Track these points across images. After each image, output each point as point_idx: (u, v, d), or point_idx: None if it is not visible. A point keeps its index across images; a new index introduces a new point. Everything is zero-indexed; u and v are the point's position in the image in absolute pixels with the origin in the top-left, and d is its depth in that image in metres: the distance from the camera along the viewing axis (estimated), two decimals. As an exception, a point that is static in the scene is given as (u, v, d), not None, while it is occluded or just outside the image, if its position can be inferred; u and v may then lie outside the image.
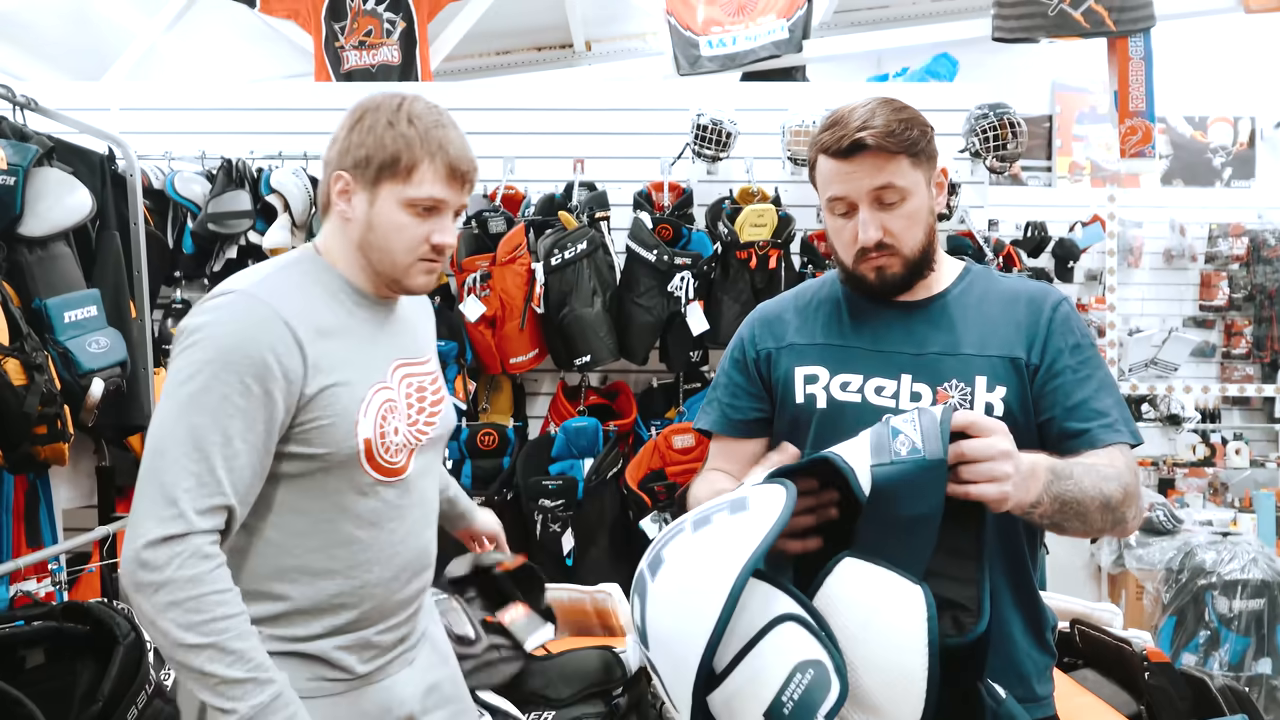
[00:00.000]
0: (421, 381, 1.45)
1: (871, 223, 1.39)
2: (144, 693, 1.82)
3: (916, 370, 1.41)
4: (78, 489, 2.49)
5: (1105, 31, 3.97)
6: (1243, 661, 3.92)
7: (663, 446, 3.21)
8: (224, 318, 1.24)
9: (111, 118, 3.51)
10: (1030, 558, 1.44)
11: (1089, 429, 1.35)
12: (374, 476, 1.33)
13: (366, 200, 1.33)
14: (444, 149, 1.33)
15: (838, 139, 1.38)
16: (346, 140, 1.34)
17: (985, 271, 1.52)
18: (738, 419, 1.55)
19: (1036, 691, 1.42)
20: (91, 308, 2.17)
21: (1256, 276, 5.44)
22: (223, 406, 1.20)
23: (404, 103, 1.34)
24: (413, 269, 1.37)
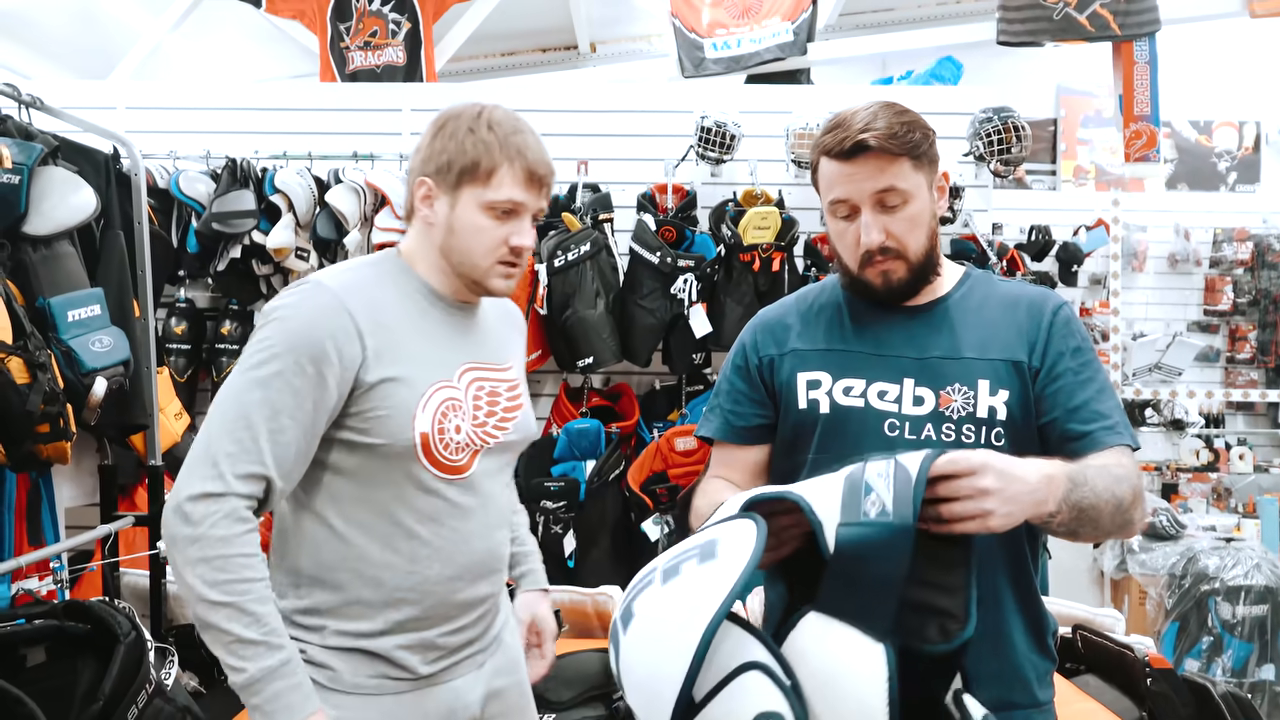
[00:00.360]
0: (495, 387, 1.47)
1: (874, 225, 1.38)
2: (144, 691, 1.82)
3: (919, 374, 1.41)
4: (80, 487, 2.50)
5: (1110, 35, 3.96)
6: (1246, 667, 3.91)
7: (665, 449, 3.20)
8: (293, 304, 1.32)
9: (117, 117, 3.53)
10: (1031, 562, 1.43)
11: (1091, 431, 1.35)
12: (433, 472, 1.36)
13: (448, 204, 1.39)
14: (522, 154, 1.38)
15: (840, 140, 1.38)
16: (430, 148, 1.40)
17: (985, 275, 1.52)
18: (740, 426, 1.54)
19: (1037, 696, 1.41)
20: (95, 307, 2.17)
21: (1261, 281, 5.43)
22: (275, 384, 1.27)
23: (484, 111, 1.40)
24: (492, 271, 1.41)
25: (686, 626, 0.94)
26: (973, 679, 1.37)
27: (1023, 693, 1.41)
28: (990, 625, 1.38)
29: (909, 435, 1.39)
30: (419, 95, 3.68)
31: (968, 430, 1.37)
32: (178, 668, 2.12)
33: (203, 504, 1.23)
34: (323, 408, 1.30)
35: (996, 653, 1.39)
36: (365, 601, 1.36)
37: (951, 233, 3.47)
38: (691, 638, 0.93)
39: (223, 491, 1.23)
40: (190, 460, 1.26)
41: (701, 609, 0.94)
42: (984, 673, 1.37)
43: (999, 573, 1.39)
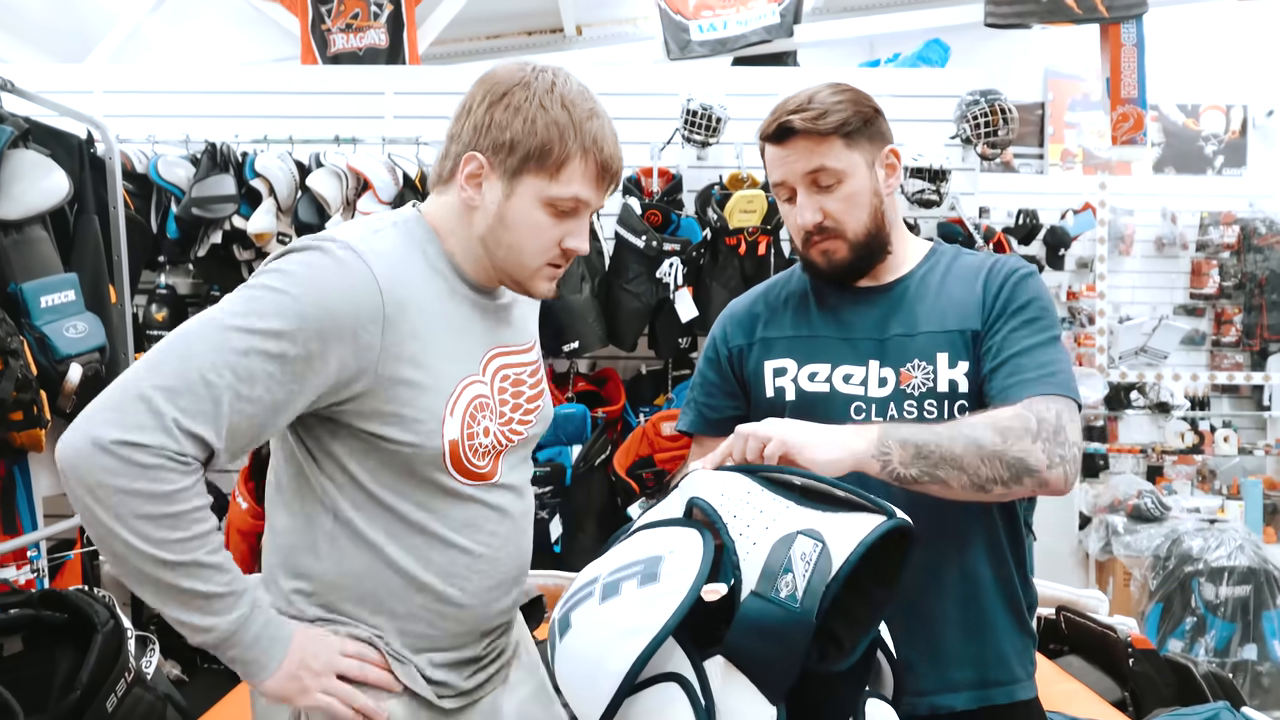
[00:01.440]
0: (519, 374, 1.32)
1: (808, 205, 1.40)
2: (124, 680, 1.81)
3: (882, 355, 1.41)
4: (57, 476, 2.46)
5: (1098, 18, 3.94)
6: (1228, 648, 3.95)
7: (651, 433, 3.19)
8: (316, 264, 1.11)
9: (94, 100, 3.48)
10: (1009, 542, 1.42)
11: (1011, 384, 1.31)
12: (458, 480, 1.21)
13: (502, 191, 1.19)
14: (599, 144, 1.19)
15: (770, 124, 1.40)
16: (487, 116, 1.18)
17: (953, 250, 1.51)
18: (714, 418, 1.55)
19: (1016, 673, 1.42)
20: (69, 292, 2.14)
21: (1247, 264, 5.45)
22: (263, 353, 1.06)
23: (557, 83, 1.19)
24: (539, 273, 1.24)
25: (616, 653, 0.96)
26: (952, 659, 1.38)
27: (1002, 670, 1.41)
28: (969, 606, 1.39)
29: (875, 416, 1.39)
30: (401, 78, 3.64)
31: (929, 406, 1.38)
32: (159, 656, 2.11)
33: (141, 454, 1.01)
34: (307, 393, 1.11)
35: (975, 633, 1.39)
36: (401, 615, 1.22)
37: (938, 215, 3.46)
38: (620, 665, 0.95)
39: (165, 446, 1.02)
40: (118, 395, 1.04)
41: (635, 636, 0.95)
42: (963, 653, 1.38)
43: (977, 554, 1.39)
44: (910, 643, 1.31)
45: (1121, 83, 4.10)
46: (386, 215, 1.25)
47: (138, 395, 1.03)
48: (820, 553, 0.98)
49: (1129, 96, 4.11)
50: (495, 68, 1.23)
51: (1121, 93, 4.11)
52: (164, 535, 1.04)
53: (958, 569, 1.38)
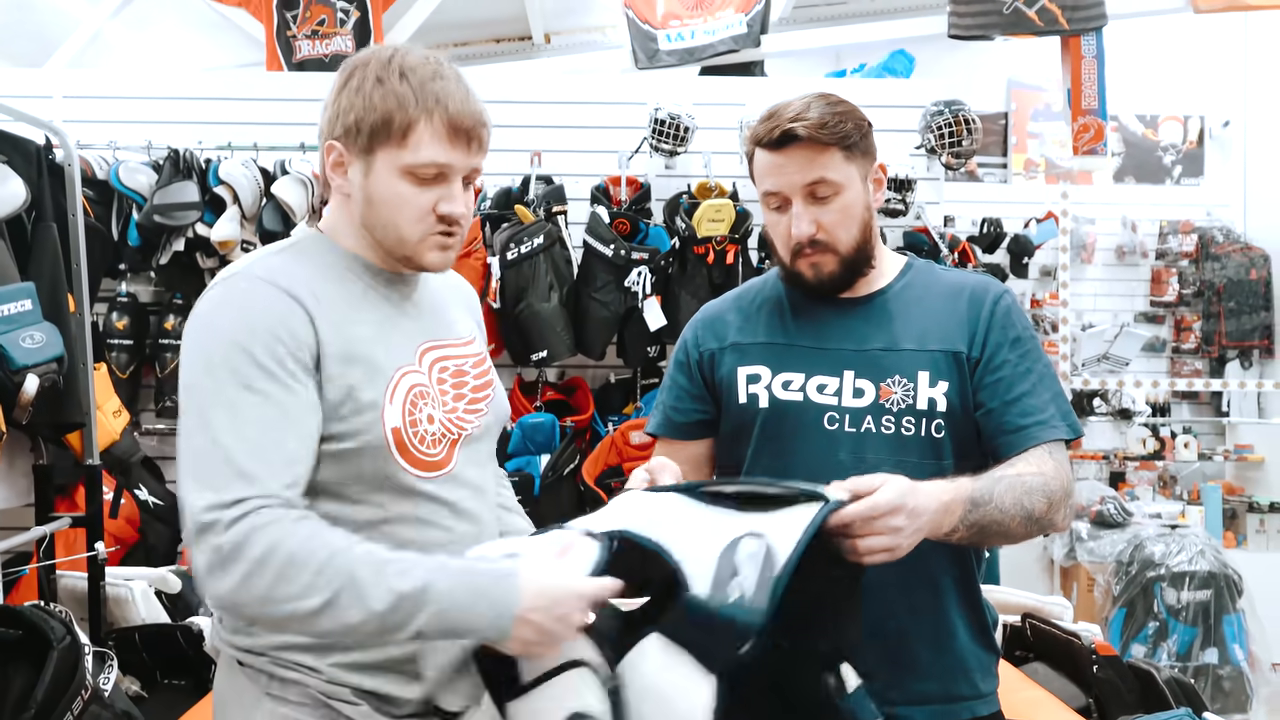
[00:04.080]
0: (460, 365, 1.29)
1: (804, 217, 1.38)
2: (80, 698, 1.77)
3: (859, 366, 1.40)
4: (13, 488, 2.41)
5: (1058, 30, 4.00)
6: (1190, 652, 4.00)
7: (620, 442, 3.19)
8: (220, 301, 1.12)
9: (54, 106, 3.42)
10: (974, 557, 1.44)
11: (1025, 426, 1.35)
12: (412, 472, 1.17)
13: (362, 171, 1.17)
14: (442, 103, 1.14)
15: (770, 130, 1.37)
16: (335, 105, 1.18)
17: (927, 266, 1.52)
18: (680, 421, 1.55)
19: (980, 688, 1.42)
20: (26, 301, 2.10)
21: (1205, 273, 5.54)
22: (254, 402, 1.06)
23: (395, 56, 1.17)
24: (423, 244, 1.19)
25: None
26: (916, 672, 1.38)
27: (966, 684, 1.41)
28: (933, 620, 1.39)
29: (849, 428, 1.39)
30: (368, 85, 3.61)
31: (907, 422, 1.38)
32: (117, 672, 2.06)
33: (231, 510, 1.01)
34: (314, 414, 1.10)
35: (939, 646, 1.40)
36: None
37: (903, 225, 3.49)
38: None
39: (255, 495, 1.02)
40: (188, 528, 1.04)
41: None
42: (927, 666, 1.39)
43: (941, 569, 1.40)
44: (872, 652, 1.31)
45: (1082, 94, 4.16)
46: (282, 242, 1.27)
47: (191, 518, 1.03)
48: (766, 551, 1.00)
49: (1089, 107, 4.17)
50: (351, 56, 1.23)
51: (1082, 103, 4.17)
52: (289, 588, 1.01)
53: (924, 581, 1.38)
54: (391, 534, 1.16)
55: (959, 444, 1.39)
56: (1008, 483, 1.27)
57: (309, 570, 1.01)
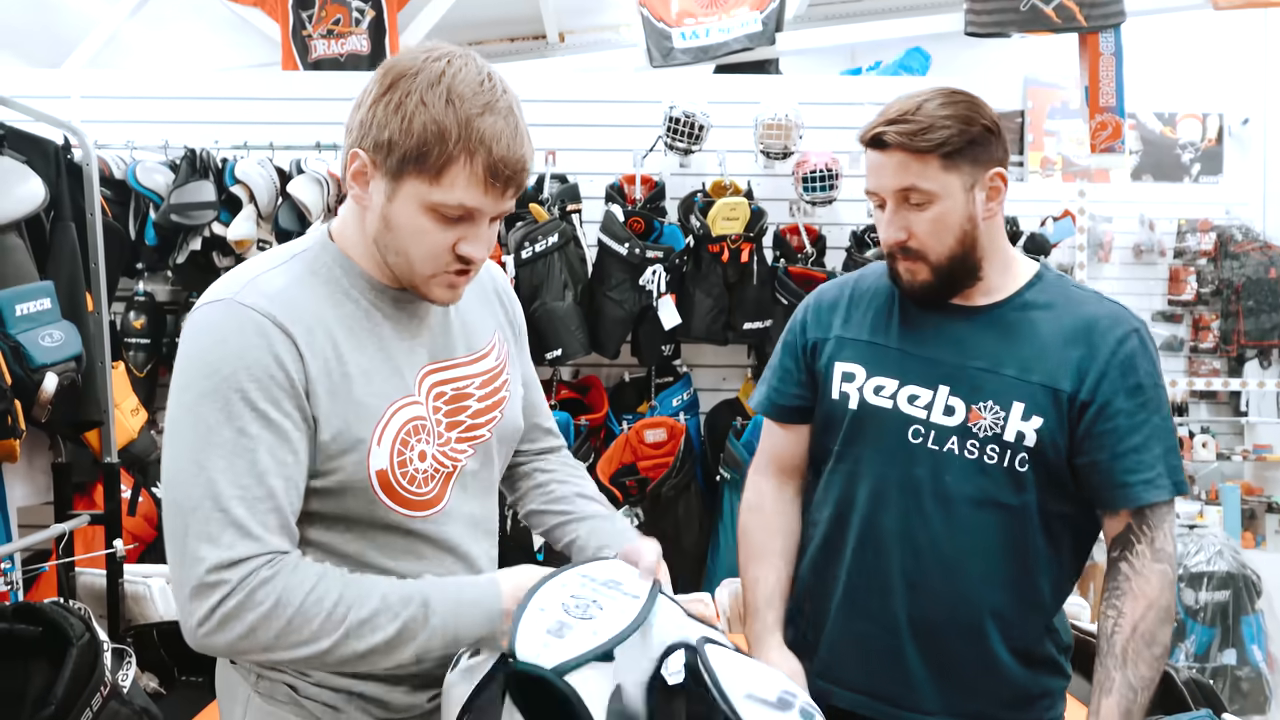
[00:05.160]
0: (462, 387, 1.20)
1: (895, 222, 1.34)
2: (99, 695, 1.78)
3: (955, 383, 1.36)
4: (33, 486, 2.43)
5: (1076, 27, 3.98)
6: (1208, 653, 3.96)
7: (634, 441, 3.19)
8: (205, 331, 1.06)
9: (72, 106, 3.44)
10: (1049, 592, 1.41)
11: (1130, 484, 1.31)
12: (400, 511, 1.12)
13: (385, 192, 1.07)
14: (485, 144, 1.03)
15: (868, 130, 1.34)
16: (370, 112, 1.06)
17: (1058, 281, 1.43)
18: (782, 404, 1.54)
19: (1043, 716, 1.43)
20: (45, 300, 2.11)
21: (1224, 271, 5.49)
22: (244, 444, 1.02)
23: (446, 73, 1.04)
24: (433, 281, 1.12)
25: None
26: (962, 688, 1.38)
27: (1024, 712, 1.42)
28: (978, 649, 1.37)
29: (932, 445, 1.36)
30: (383, 84, 3.62)
31: (991, 451, 1.33)
32: (136, 669, 2.07)
33: (235, 570, 0.99)
34: (304, 453, 1.06)
35: (987, 670, 1.38)
36: None
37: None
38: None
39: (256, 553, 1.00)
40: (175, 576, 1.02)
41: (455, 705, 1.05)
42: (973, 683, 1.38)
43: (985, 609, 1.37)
44: (922, 661, 1.36)
45: (1100, 91, 4.14)
46: (293, 245, 1.19)
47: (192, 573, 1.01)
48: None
49: (1107, 105, 4.14)
50: (398, 54, 1.11)
51: (1100, 101, 4.14)
52: (300, 634, 1.01)
53: (984, 607, 1.36)
54: (380, 566, 1.13)
55: (1044, 480, 1.34)
56: (1134, 658, 1.30)
57: (316, 619, 1.01)
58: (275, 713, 1.16)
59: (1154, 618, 1.30)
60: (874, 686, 1.39)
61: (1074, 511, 1.37)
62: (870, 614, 1.39)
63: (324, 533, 1.13)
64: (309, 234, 1.21)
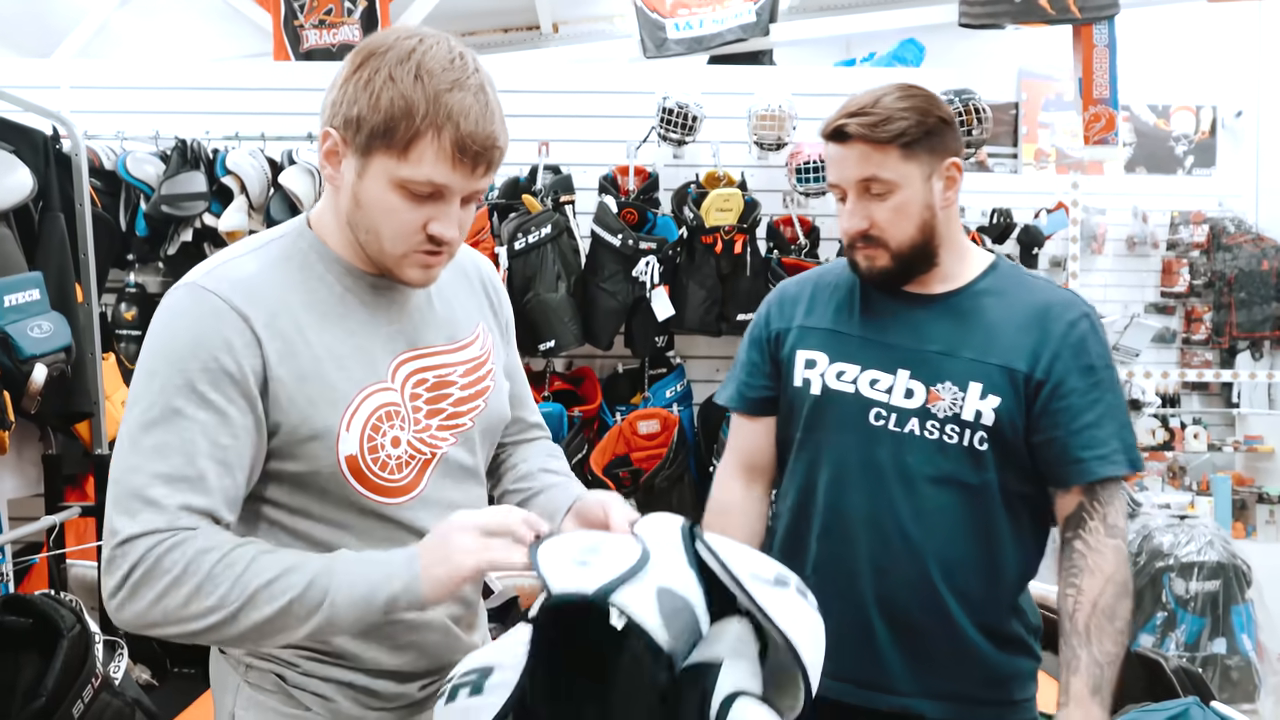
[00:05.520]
0: (444, 375, 1.20)
1: (857, 212, 1.39)
2: (90, 686, 1.78)
3: (915, 366, 1.40)
4: (23, 478, 2.43)
5: (1070, 19, 3.97)
6: (1198, 642, 3.99)
7: (627, 432, 3.19)
8: (165, 318, 1.07)
9: (61, 96, 3.42)
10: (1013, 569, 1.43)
11: (1085, 460, 1.35)
12: (372, 497, 1.12)
13: (355, 169, 1.07)
14: (453, 120, 1.03)
15: (829, 123, 1.39)
16: (341, 90, 1.07)
17: (1013, 270, 1.48)
18: (750, 397, 1.57)
19: (1013, 695, 1.44)
20: (34, 291, 2.10)
21: (1216, 263, 5.51)
22: (172, 423, 1.02)
23: (416, 50, 1.04)
24: (405, 260, 1.11)
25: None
26: (932, 668, 1.40)
27: (990, 689, 1.42)
28: (945, 625, 1.40)
29: (893, 427, 1.40)
30: (375, 75, 3.60)
31: (951, 430, 1.38)
32: (128, 660, 2.08)
33: (143, 541, 0.99)
34: (246, 438, 1.05)
35: (956, 649, 1.40)
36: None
37: (913, 215, 3.47)
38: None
39: (165, 527, 0.99)
40: (110, 516, 1.03)
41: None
42: (944, 664, 1.40)
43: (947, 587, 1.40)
44: (892, 643, 1.38)
45: (1094, 83, 4.13)
46: (271, 231, 1.19)
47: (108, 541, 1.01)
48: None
49: (1101, 97, 4.14)
50: (373, 35, 1.11)
51: (1094, 93, 4.14)
52: (204, 603, 0.99)
53: (949, 586, 1.39)
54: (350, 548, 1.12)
55: (1002, 459, 1.38)
56: (1098, 634, 1.32)
57: (225, 583, 0.99)
58: (265, 702, 1.16)
59: (1112, 592, 1.34)
60: (847, 671, 1.40)
61: (1033, 492, 1.41)
62: (839, 597, 1.40)
63: (300, 520, 1.13)
64: (289, 221, 1.21)
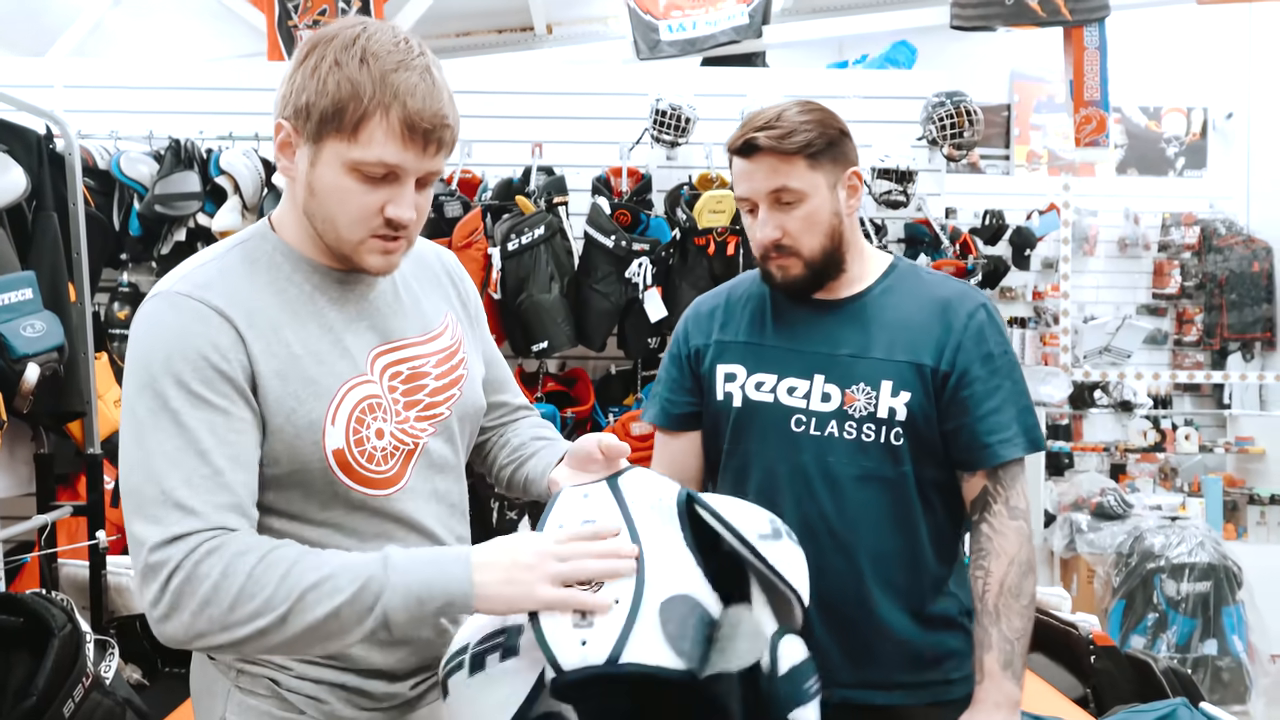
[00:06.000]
0: (417, 366, 1.20)
1: (769, 222, 1.44)
2: (81, 685, 1.78)
3: (829, 371, 1.46)
4: (15, 477, 2.42)
5: (1061, 21, 3.99)
6: (1189, 643, 4.01)
7: (620, 433, 3.19)
8: (144, 327, 1.07)
9: (55, 95, 3.42)
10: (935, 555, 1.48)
11: (989, 444, 1.42)
12: (360, 490, 1.13)
13: (308, 158, 1.07)
14: (400, 99, 1.03)
15: (737, 138, 1.43)
16: (290, 82, 1.08)
17: (910, 270, 1.55)
18: (675, 413, 1.60)
19: (950, 675, 1.48)
20: (26, 290, 2.10)
21: (1207, 265, 5.55)
22: (185, 427, 1.02)
23: (361, 35, 1.05)
24: (363, 246, 1.10)
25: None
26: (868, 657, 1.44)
27: (932, 673, 1.47)
28: (867, 612, 1.44)
29: (814, 431, 1.45)
30: (369, 75, 3.61)
31: (868, 429, 1.44)
32: (119, 660, 2.07)
33: (176, 546, 0.98)
34: (250, 434, 1.06)
35: (884, 636, 1.45)
36: None
37: (905, 216, 3.48)
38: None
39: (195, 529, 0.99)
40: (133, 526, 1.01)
41: (501, 710, 1.00)
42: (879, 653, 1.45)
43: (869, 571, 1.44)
44: (830, 637, 1.42)
45: (1085, 85, 4.16)
46: (233, 237, 1.19)
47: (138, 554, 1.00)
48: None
49: (1092, 99, 4.16)
50: (318, 29, 1.13)
51: (1085, 95, 4.17)
52: (250, 608, 0.98)
53: (879, 578, 1.44)
54: (343, 548, 1.11)
55: (918, 451, 1.44)
56: (1005, 612, 1.40)
57: (269, 585, 0.98)
58: (257, 706, 1.16)
59: (1016, 572, 1.41)
60: None
61: (948, 479, 1.48)
62: None
63: (287, 523, 1.12)
64: (244, 230, 1.20)
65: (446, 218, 3.18)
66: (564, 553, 1.02)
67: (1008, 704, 1.37)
